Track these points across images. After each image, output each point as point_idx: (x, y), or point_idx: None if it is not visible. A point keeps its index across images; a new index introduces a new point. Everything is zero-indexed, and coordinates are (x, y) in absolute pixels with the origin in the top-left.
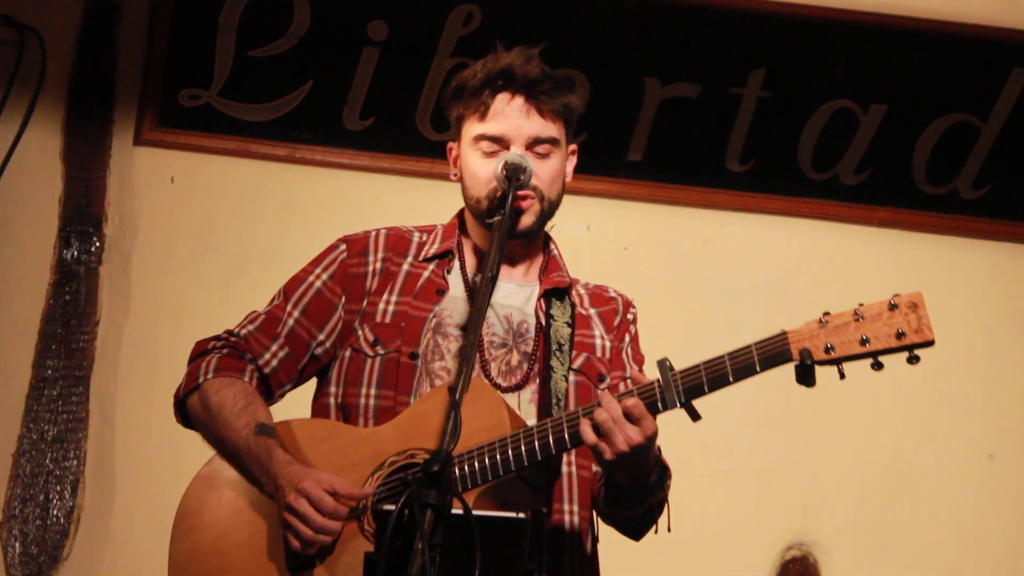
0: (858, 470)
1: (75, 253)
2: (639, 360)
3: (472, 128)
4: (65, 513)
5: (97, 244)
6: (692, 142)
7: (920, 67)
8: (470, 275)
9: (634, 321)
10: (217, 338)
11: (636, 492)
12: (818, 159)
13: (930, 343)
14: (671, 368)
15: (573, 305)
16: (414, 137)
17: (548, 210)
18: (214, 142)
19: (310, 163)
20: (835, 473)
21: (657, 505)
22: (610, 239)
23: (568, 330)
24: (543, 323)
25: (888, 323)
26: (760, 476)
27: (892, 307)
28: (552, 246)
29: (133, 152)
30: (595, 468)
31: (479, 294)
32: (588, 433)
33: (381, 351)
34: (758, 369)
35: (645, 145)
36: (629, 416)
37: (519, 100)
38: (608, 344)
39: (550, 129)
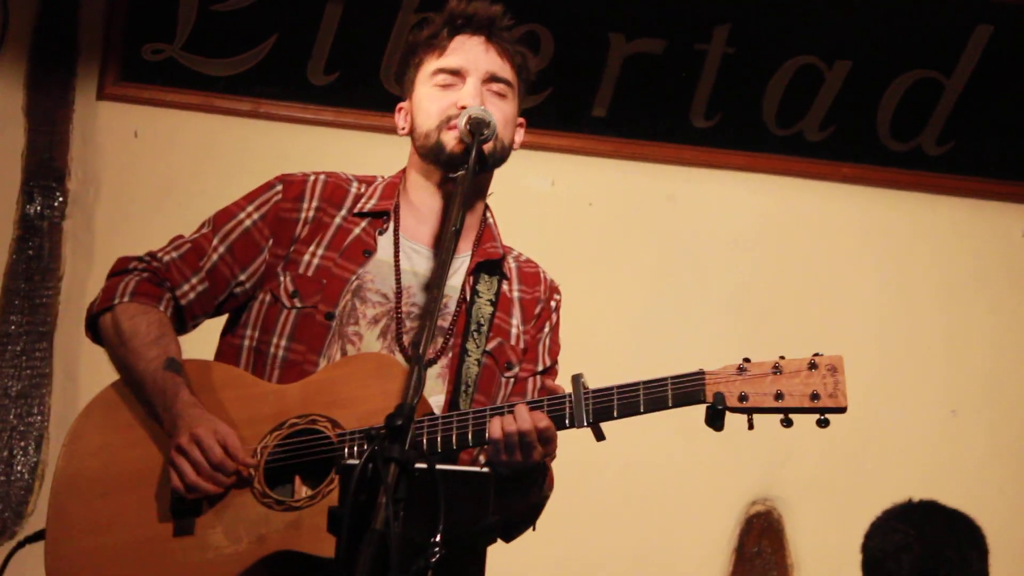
0: None
1: (38, 208)
2: (554, 353)
3: (430, 66)
4: (29, 469)
5: (60, 199)
6: (657, 98)
7: (884, 23)
8: (403, 240)
9: (556, 309)
10: (140, 259)
11: (512, 483)
12: (782, 115)
13: (842, 410)
14: (585, 386)
15: (501, 282)
16: (378, 92)
17: (500, 151)
18: (177, 97)
19: (274, 118)
20: (798, 429)
21: (535, 508)
22: (575, 195)
23: (490, 309)
24: (467, 299)
25: (805, 382)
26: (724, 432)
27: (812, 366)
28: (488, 214)
29: (96, 106)
30: (481, 459)
31: (443, 248)
32: (496, 430)
33: (298, 304)
34: (670, 404)
35: (610, 101)
36: (541, 436)
37: (479, 38)
38: (522, 335)
39: (507, 71)
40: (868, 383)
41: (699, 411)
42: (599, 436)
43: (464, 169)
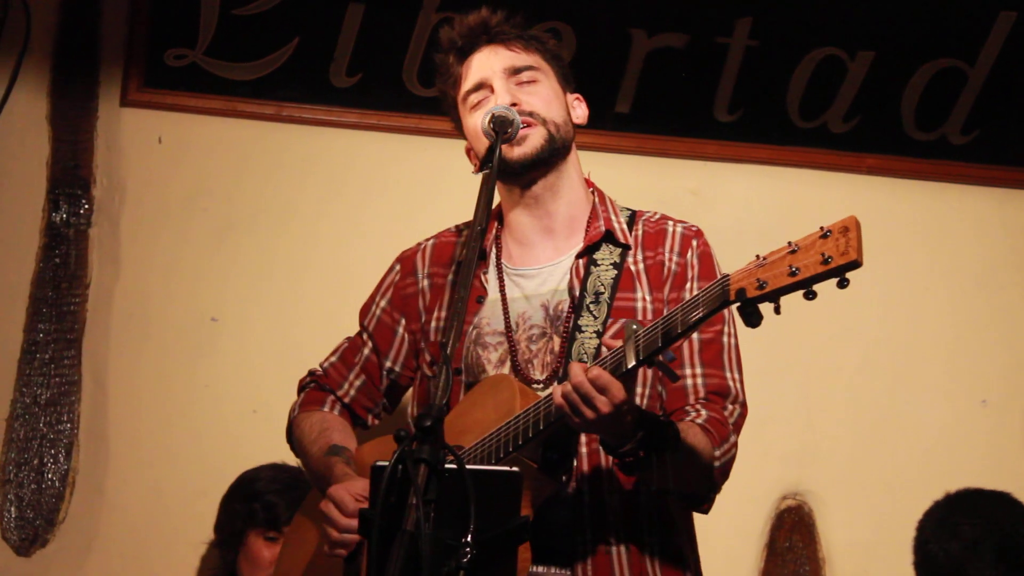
0: (851, 418)
1: (64, 216)
2: None
3: (459, 96)
4: (60, 476)
5: (86, 206)
6: (679, 93)
7: (906, 12)
8: (506, 268)
9: (698, 254)
10: (310, 373)
11: (626, 450)
12: (806, 107)
13: (855, 264)
14: (636, 330)
15: (624, 254)
16: (401, 93)
17: (555, 132)
18: (201, 102)
19: (297, 121)
20: (829, 422)
21: (703, 473)
22: None
23: (613, 274)
24: (576, 290)
25: (818, 251)
26: (754, 426)
27: (824, 235)
28: (594, 195)
29: (120, 113)
30: None
31: (468, 247)
32: (557, 396)
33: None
34: (702, 314)
35: (632, 97)
36: (596, 385)
37: (483, 49)
38: (650, 305)
39: (524, 58)
40: (896, 375)
41: None
42: (672, 376)
43: (489, 168)
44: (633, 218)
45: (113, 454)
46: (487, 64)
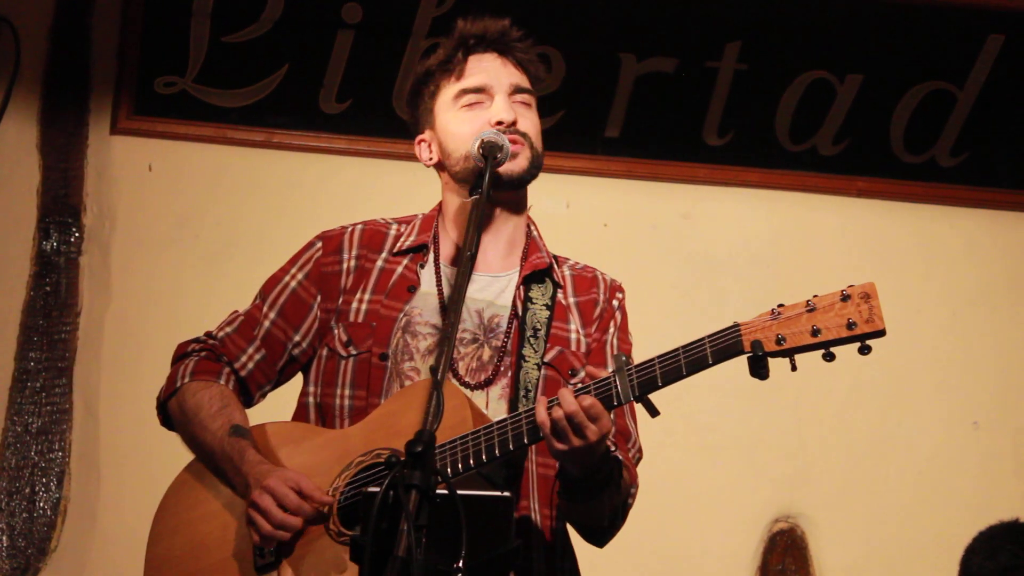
0: (843, 441)
1: (55, 244)
2: (626, 349)
3: (450, 90)
4: (52, 505)
5: (76, 234)
6: (669, 117)
7: (895, 36)
8: (443, 268)
9: (620, 308)
10: (196, 340)
11: (586, 483)
12: (796, 131)
13: (880, 333)
14: (627, 362)
15: (556, 287)
16: (391, 119)
17: (536, 158)
18: (191, 129)
19: (287, 148)
20: (820, 444)
21: (622, 507)
22: (590, 216)
23: (546, 314)
24: (519, 311)
25: (840, 314)
26: (746, 449)
27: (844, 298)
28: (532, 228)
29: (110, 141)
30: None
31: (458, 272)
32: (543, 415)
33: (353, 351)
34: (710, 362)
35: (622, 121)
36: (589, 414)
37: (493, 55)
38: (583, 339)
39: (526, 81)
40: (888, 397)
41: (720, 429)
42: (652, 412)
43: (479, 193)
44: (556, 260)
45: (105, 482)
46: (495, 74)
